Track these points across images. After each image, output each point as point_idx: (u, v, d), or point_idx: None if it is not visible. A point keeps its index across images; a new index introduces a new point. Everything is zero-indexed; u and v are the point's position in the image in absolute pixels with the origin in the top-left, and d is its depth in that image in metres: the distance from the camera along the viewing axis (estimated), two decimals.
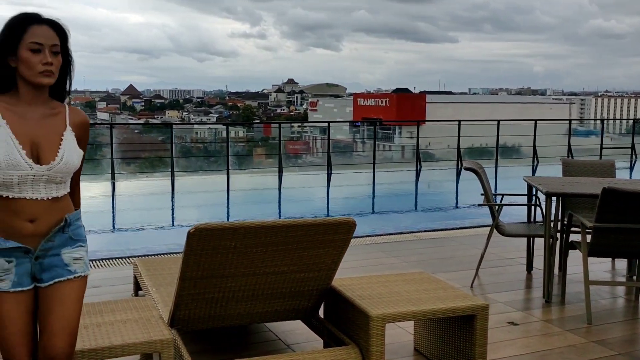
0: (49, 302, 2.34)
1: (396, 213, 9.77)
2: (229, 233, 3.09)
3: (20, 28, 2.22)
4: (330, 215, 9.53)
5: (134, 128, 47.44)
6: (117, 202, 10.91)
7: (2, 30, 2.23)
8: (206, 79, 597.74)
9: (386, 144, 34.24)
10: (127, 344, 2.88)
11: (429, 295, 3.56)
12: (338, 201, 11.43)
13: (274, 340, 4.12)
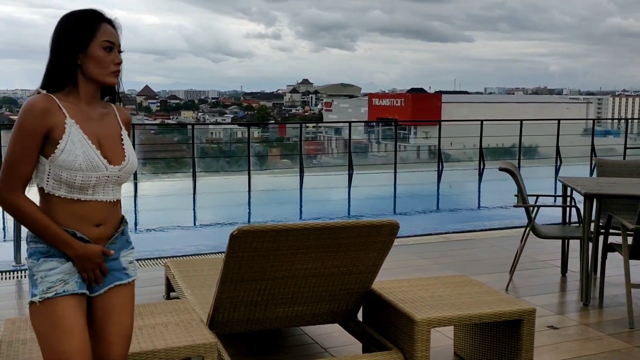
0: (106, 308, 2.24)
1: (421, 214, 9.69)
2: (271, 235, 3.03)
3: (92, 25, 2.15)
4: (357, 216, 9.45)
5: (150, 129, 47.67)
6: (140, 202, 10.89)
7: (71, 25, 2.14)
8: (221, 79, 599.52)
9: (402, 144, 34.16)
10: (170, 347, 2.82)
11: (473, 299, 3.47)
12: (363, 202, 11.34)
13: (310, 343, 4.05)
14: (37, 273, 2.11)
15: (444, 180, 13.90)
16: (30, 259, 2.13)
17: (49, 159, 2.08)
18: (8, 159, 2.05)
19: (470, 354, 3.78)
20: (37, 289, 2.11)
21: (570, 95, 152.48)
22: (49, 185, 2.10)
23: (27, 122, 2.05)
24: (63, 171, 2.08)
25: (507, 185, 13.24)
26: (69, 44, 2.14)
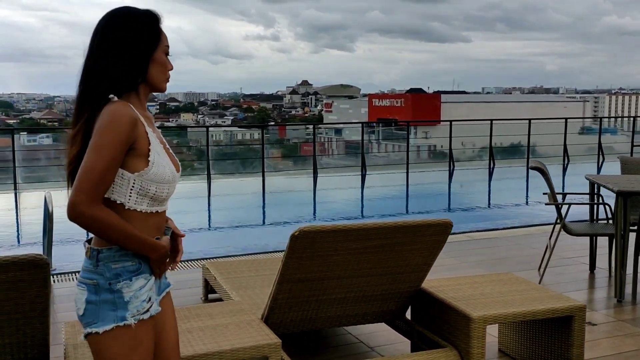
0: (164, 315, 2.15)
1: (441, 212, 9.73)
2: (330, 235, 3.07)
3: (158, 28, 2.06)
4: (384, 216, 9.51)
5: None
6: None
7: (141, 27, 2.01)
8: (220, 81, 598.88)
9: (402, 144, 34.14)
10: (236, 348, 2.86)
11: (523, 296, 3.51)
12: (379, 202, 11.39)
13: (355, 343, 4.09)
14: (128, 293, 1.96)
15: (456, 179, 13.96)
16: (118, 279, 1.95)
17: (138, 174, 1.96)
18: (95, 170, 1.86)
19: (516, 350, 3.82)
20: (128, 311, 1.95)
21: (567, 94, 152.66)
22: (131, 200, 1.97)
23: (118, 132, 1.89)
24: (152, 185, 1.98)
25: (518, 183, 13.36)
26: (141, 46, 2.01)
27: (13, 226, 9.20)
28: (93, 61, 2.00)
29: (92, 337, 1.96)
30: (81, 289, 1.98)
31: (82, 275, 2.00)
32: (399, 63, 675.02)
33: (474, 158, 16.71)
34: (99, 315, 1.95)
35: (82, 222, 1.87)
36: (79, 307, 1.98)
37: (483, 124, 15.11)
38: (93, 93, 1.97)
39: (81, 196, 1.84)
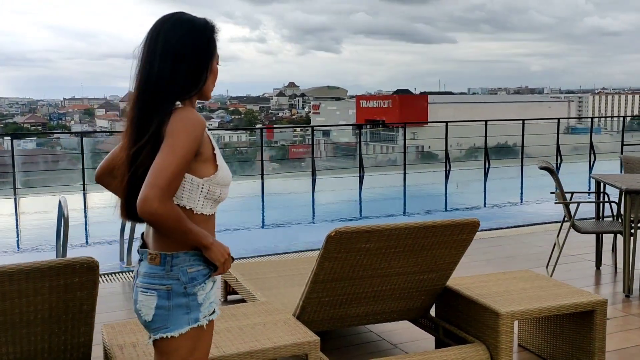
0: None
1: (445, 212, 9.89)
2: (365, 235, 3.16)
3: (215, 38, 2.10)
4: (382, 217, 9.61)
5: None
6: None
7: (204, 36, 2.06)
8: None
9: (390, 145, 34.38)
10: (278, 346, 2.94)
11: (546, 292, 3.62)
12: (382, 203, 11.50)
13: (378, 340, 4.18)
14: (201, 296, 2.03)
15: (455, 180, 14.13)
16: (194, 283, 2.01)
17: (207, 178, 2.02)
18: (169, 168, 1.89)
19: (536, 345, 3.92)
20: (200, 313, 2.03)
21: (551, 94, 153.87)
22: (199, 204, 2.03)
23: (192, 135, 1.94)
24: (218, 188, 2.05)
25: (512, 183, 13.51)
26: (204, 57, 2.06)
27: (24, 230, 9.22)
28: (157, 68, 2.01)
29: (165, 340, 2.01)
30: (149, 295, 2.01)
31: (150, 281, 2.02)
32: (385, 64, 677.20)
33: (461, 158, 16.88)
34: (170, 319, 2.00)
35: (154, 216, 1.88)
36: (146, 313, 2.02)
37: (472, 125, 15.29)
38: (161, 99, 1.99)
39: (155, 191, 1.87)
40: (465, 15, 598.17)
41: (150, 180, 1.89)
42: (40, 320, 2.71)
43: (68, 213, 5.52)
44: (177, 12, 2.11)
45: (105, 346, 3.07)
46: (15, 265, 2.54)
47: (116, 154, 2.21)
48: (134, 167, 2.01)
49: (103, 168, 2.29)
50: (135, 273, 2.13)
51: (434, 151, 18.00)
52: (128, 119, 2.06)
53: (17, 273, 2.54)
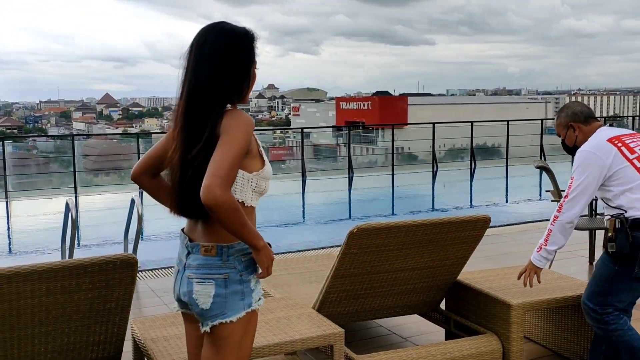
0: None
1: (440, 212, 10.09)
2: (384, 232, 3.31)
3: (254, 46, 2.24)
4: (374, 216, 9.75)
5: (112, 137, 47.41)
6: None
7: (247, 44, 2.21)
8: None
9: (370, 147, 34.62)
10: (305, 338, 3.08)
11: (553, 285, 3.80)
12: (375, 203, 11.67)
13: (388, 334, 4.33)
14: (253, 281, 2.21)
15: (444, 180, 14.38)
16: (248, 271, 2.19)
17: (256, 173, 2.17)
18: (228, 160, 2.02)
19: (540, 335, 4.10)
20: (252, 298, 2.20)
21: (528, 95, 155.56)
22: (248, 197, 2.18)
23: (246, 132, 2.10)
24: (264, 182, 2.20)
25: (500, 183, 13.75)
26: (248, 64, 2.20)
27: (21, 233, 9.24)
28: (204, 76, 2.15)
29: (222, 326, 2.16)
30: (207, 284, 2.16)
31: (206, 272, 2.16)
32: (364, 66, 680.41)
33: (442, 159, 17.11)
34: (227, 306, 2.16)
35: (217, 203, 1.97)
36: (204, 302, 2.16)
37: (452, 126, 15.54)
38: (212, 104, 2.13)
39: (217, 180, 1.98)
40: (443, 17, 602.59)
41: (211, 171, 2.00)
42: (80, 315, 2.81)
43: (77, 215, 5.62)
44: (219, 21, 2.25)
45: (138, 340, 3.18)
46: (59, 262, 2.64)
47: (156, 155, 2.36)
48: (190, 169, 2.13)
49: (141, 168, 2.40)
50: (181, 266, 2.26)
51: (414, 152, 18.21)
52: (178, 124, 2.19)
53: (62, 270, 2.64)
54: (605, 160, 3.07)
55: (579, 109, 3.34)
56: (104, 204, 11.38)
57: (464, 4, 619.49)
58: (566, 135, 3.36)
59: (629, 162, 3.07)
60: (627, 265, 3.01)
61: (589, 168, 3.08)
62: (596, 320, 3.19)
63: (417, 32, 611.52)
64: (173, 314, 3.45)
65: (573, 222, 3.18)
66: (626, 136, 3.17)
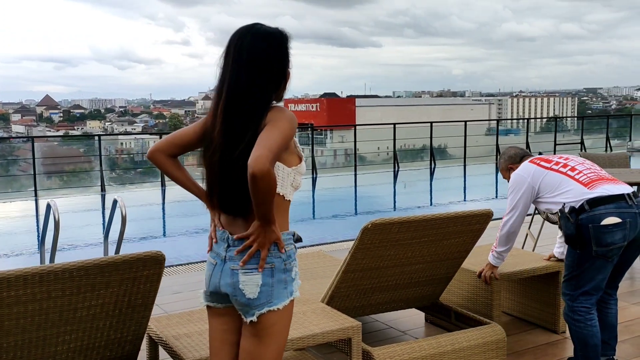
0: None
1: (408, 210, 10.28)
2: (396, 227, 3.40)
3: (288, 46, 2.30)
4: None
5: (53, 140, 46.29)
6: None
7: (286, 46, 2.29)
8: (129, 87, 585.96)
9: (319, 148, 34.67)
10: (326, 331, 3.14)
11: (523, 259, 4.34)
12: (335, 203, 11.77)
13: (386, 328, 4.43)
14: (294, 270, 2.28)
15: (402, 179, 14.61)
16: (290, 260, 2.26)
17: (295, 168, 2.25)
18: (277, 140, 2.08)
19: (514, 308, 4.57)
20: (294, 286, 2.28)
21: (472, 97, 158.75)
22: (287, 191, 2.25)
23: (292, 125, 2.18)
24: (299, 177, 2.28)
25: (456, 182, 14.06)
26: (284, 63, 2.28)
27: None
28: (244, 78, 2.20)
29: (270, 314, 2.22)
30: (254, 274, 2.20)
31: (252, 262, 2.20)
32: (311, 68, 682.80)
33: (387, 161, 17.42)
34: (273, 294, 2.22)
35: (265, 174, 2.00)
36: (251, 291, 2.20)
37: (399, 127, 15.81)
38: (255, 105, 2.18)
39: (267, 153, 2.02)
40: (389, 20, 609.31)
41: (262, 143, 2.05)
42: (104, 314, 2.80)
43: (59, 217, 5.52)
44: (254, 23, 2.31)
45: (157, 339, 3.18)
46: (91, 260, 2.63)
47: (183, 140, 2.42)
48: (235, 169, 2.17)
49: (163, 146, 2.42)
50: (220, 258, 2.29)
51: (362, 154, 18.47)
52: (218, 125, 2.23)
53: (93, 267, 2.63)
54: (527, 178, 3.57)
55: (514, 153, 3.89)
56: (69, 206, 11.16)
57: (409, 7, 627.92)
58: (509, 176, 3.81)
59: (548, 170, 3.53)
60: (585, 246, 3.26)
61: (518, 186, 3.61)
62: (568, 307, 3.42)
63: (363, 34, 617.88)
64: (187, 312, 3.46)
65: (515, 232, 3.75)
66: (545, 156, 3.69)
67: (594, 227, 3.20)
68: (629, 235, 3.24)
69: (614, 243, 3.22)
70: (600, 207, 3.22)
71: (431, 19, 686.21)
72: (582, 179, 3.37)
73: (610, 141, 18.39)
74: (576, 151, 17.48)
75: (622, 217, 3.20)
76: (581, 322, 3.34)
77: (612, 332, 3.56)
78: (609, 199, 3.23)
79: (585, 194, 3.28)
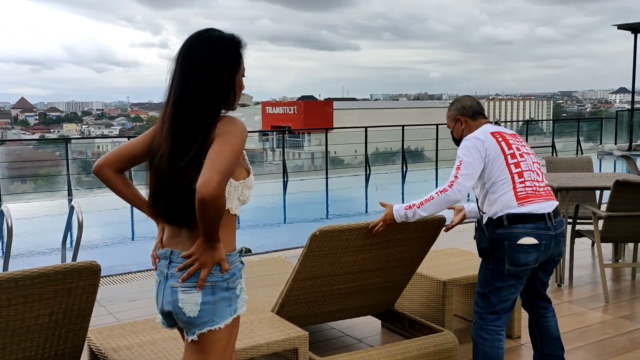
0: None
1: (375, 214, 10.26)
2: (345, 234, 3.34)
3: (240, 53, 2.22)
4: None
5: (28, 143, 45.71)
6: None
7: (228, 51, 2.17)
8: (106, 90, 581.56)
9: (296, 152, 34.66)
10: (271, 342, 3.08)
11: (469, 263, 4.40)
12: (306, 207, 11.71)
13: (342, 336, 4.37)
14: (238, 288, 2.21)
15: (374, 183, 14.62)
16: (234, 278, 2.19)
17: (243, 181, 2.18)
18: (228, 159, 2.01)
19: (461, 310, 4.52)
20: (237, 303, 2.21)
21: (449, 100, 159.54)
22: (234, 204, 2.18)
23: (242, 137, 2.10)
24: (247, 190, 2.21)
25: (425, 185, 14.07)
26: (230, 69, 2.17)
27: None
28: (191, 83, 2.13)
29: (211, 333, 2.14)
30: (193, 292, 2.12)
31: (192, 280, 2.12)
32: (289, 71, 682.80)
33: (374, 162, 17.46)
34: (216, 313, 2.14)
35: (214, 198, 1.95)
36: (190, 310, 2.13)
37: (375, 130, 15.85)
38: (203, 112, 2.10)
39: (217, 176, 1.96)
40: (367, 23, 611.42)
41: (210, 165, 1.98)
42: (39, 326, 2.72)
43: (12, 223, 5.40)
44: (208, 28, 2.24)
45: (96, 351, 3.09)
46: (20, 272, 2.55)
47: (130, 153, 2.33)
48: (182, 179, 2.09)
49: (109, 161, 2.33)
50: (163, 275, 2.21)
51: (340, 157, 18.45)
52: (166, 131, 2.15)
53: (23, 279, 2.54)
54: (487, 145, 3.17)
55: (469, 104, 3.45)
56: (31, 212, 10.98)
57: (387, 10, 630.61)
58: (454, 127, 3.46)
59: (504, 156, 3.17)
60: (498, 262, 3.13)
61: (474, 151, 3.17)
62: (477, 323, 3.25)
63: (341, 37, 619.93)
64: (131, 323, 3.38)
65: (459, 200, 3.19)
66: (507, 134, 3.30)
67: (510, 244, 3.07)
68: (541, 257, 3.13)
69: (527, 264, 3.10)
70: (519, 225, 3.07)
71: (409, 23, 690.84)
72: (519, 190, 3.14)
73: (581, 144, 18.56)
74: (547, 154, 17.63)
75: (538, 238, 3.08)
76: (488, 342, 3.19)
77: (556, 344, 3.45)
78: (529, 218, 3.08)
79: (511, 207, 3.10)
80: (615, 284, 5.62)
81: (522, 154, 3.25)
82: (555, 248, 3.18)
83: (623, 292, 5.39)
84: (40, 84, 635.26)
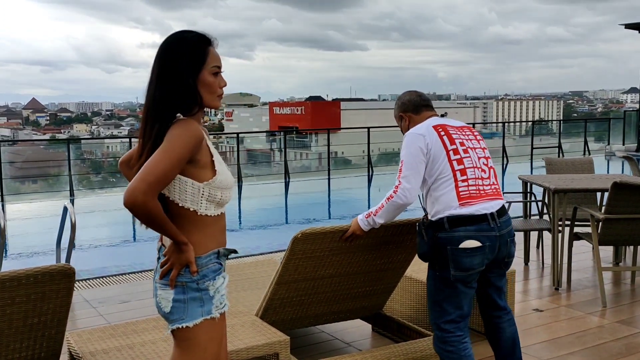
0: None
1: None
2: (329, 236, 3.28)
3: (204, 51, 2.19)
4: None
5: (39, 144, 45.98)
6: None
7: (185, 52, 2.17)
8: (115, 90, 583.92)
9: (303, 152, 34.65)
10: (251, 346, 3.02)
11: None
12: (307, 208, 11.66)
13: (331, 340, 4.30)
14: (212, 289, 2.20)
15: (376, 184, 14.52)
16: (205, 279, 2.18)
17: (207, 182, 2.15)
18: (160, 167, 2.02)
19: None
20: (212, 305, 2.20)
21: (457, 100, 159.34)
22: (202, 206, 2.17)
23: (186, 143, 2.08)
24: (218, 191, 2.19)
25: None
26: (192, 70, 2.17)
27: None
28: (154, 87, 2.18)
29: (181, 330, 2.18)
30: (167, 290, 2.18)
31: (167, 278, 2.17)
32: (297, 71, 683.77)
33: (378, 163, 17.37)
34: (186, 311, 2.18)
35: (135, 207, 2.00)
36: (165, 305, 2.19)
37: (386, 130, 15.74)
38: (161, 115, 2.15)
39: (142, 185, 2.00)
40: (375, 23, 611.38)
41: (140, 175, 2.03)
42: (13, 330, 2.68)
43: (5, 224, 5.37)
44: (179, 31, 2.25)
45: (75, 354, 3.05)
46: None
47: (131, 153, 2.45)
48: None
49: (123, 159, 2.54)
50: (155, 272, 2.29)
51: (347, 157, 18.38)
52: (139, 131, 2.23)
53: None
54: (428, 140, 3.03)
55: (408, 98, 3.32)
56: (33, 212, 10.99)
57: (395, 10, 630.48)
58: (401, 126, 3.33)
59: (445, 152, 3.03)
60: (443, 268, 3.02)
61: (413, 148, 3.05)
62: (437, 337, 3.11)
63: (349, 37, 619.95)
64: (111, 326, 3.33)
65: (408, 202, 3.08)
66: (452, 127, 3.14)
67: (452, 249, 2.95)
68: (487, 259, 3.01)
69: (473, 268, 2.98)
70: (460, 228, 2.94)
71: (417, 22, 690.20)
72: (461, 190, 2.99)
73: (588, 145, 18.39)
74: (554, 155, 17.49)
75: (481, 240, 2.95)
76: (454, 354, 3.05)
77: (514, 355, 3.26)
78: (470, 220, 2.95)
79: (452, 208, 2.96)
80: (614, 288, 5.53)
81: (466, 149, 3.07)
82: (502, 249, 3.05)
83: (622, 296, 5.30)
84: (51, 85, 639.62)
